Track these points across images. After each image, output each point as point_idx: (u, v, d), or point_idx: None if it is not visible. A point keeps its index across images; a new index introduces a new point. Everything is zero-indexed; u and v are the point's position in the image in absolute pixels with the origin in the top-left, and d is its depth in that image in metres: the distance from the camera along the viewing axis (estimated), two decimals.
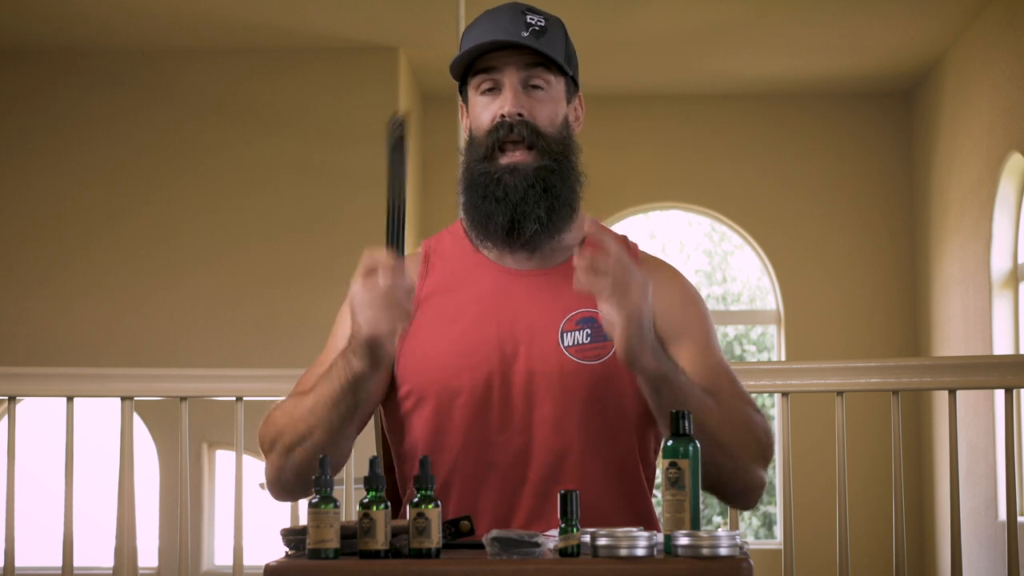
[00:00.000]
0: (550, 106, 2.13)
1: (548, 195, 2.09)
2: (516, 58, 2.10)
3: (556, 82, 2.14)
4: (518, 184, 2.08)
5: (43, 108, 6.95)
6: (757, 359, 8.26)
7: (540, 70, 2.11)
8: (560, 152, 2.12)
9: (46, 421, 6.33)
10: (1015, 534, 3.11)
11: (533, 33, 2.09)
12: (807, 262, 7.68)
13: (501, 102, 2.10)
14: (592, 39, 6.71)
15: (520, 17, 2.10)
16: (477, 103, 2.14)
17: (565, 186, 2.11)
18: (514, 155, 2.10)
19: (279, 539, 1.82)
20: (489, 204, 2.09)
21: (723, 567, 1.67)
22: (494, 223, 2.10)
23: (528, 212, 2.08)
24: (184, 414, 3.38)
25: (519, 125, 2.09)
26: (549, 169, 2.10)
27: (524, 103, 2.10)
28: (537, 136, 2.10)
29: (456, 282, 2.15)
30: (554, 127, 2.12)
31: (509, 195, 2.08)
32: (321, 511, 1.73)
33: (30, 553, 5.53)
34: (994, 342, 6.23)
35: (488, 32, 2.10)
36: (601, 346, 2.08)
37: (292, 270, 6.84)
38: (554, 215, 2.10)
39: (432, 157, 7.65)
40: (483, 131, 2.12)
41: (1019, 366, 3.19)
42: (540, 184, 2.09)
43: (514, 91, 2.10)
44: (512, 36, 2.08)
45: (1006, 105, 6.12)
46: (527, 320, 2.10)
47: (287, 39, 6.81)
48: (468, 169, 2.13)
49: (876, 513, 7.10)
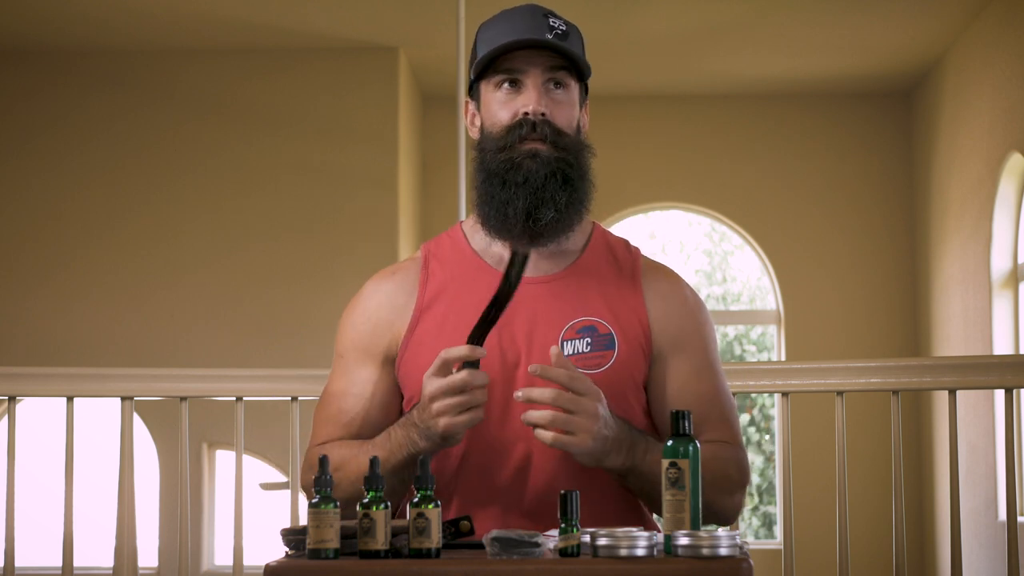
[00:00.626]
0: (569, 109, 2.13)
1: (567, 186, 2.09)
2: (541, 59, 2.10)
3: (574, 86, 2.14)
4: (539, 169, 2.08)
5: (43, 108, 6.95)
6: (757, 359, 8.26)
7: (563, 73, 2.12)
8: (577, 153, 2.12)
9: (46, 421, 6.33)
10: (1015, 534, 3.11)
11: (557, 36, 2.10)
12: (807, 262, 7.67)
13: (525, 100, 2.10)
14: (592, 39, 6.67)
15: (543, 20, 2.11)
16: (494, 99, 2.13)
17: (582, 184, 2.11)
18: (535, 143, 2.10)
19: (279, 539, 1.82)
20: (508, 191, 2.08)
21: (723, 567, 1.67)
22: (513, 208, 2.08)
23: (547, 198, 2.08)
24: (184, 414, 3.38)
25: (542, 124, 2.09)
26: (568, 163, 2.10)
27: (547, 103, 2.10)
28: (558, 135, 2.10)
29: (457, 289, 2.14)
30: (572, 129, 2.13)
31: (529, 179, 2.08)
32: (321, 511, 1.72)
33: (30, 553, 5.53)
34: (994, 342, 6.23)
35: (511, 31, 2.10)
36: (601, 355, 2.09)
37: (292, 270, 6.84)
38: (572, 208, 2.10)
39: (432, 157, 7.65)
40: (501, 126, 2.11)
41: (1019, 366, 3.18)
42: (560, 174, 2.09)
43: (538, 90, 2.10)
44: (539, 36, 2.08)
45: (1006, 105, 6.12)
46: (527, 329, 2.09)
47: (287, 39, 6.80)
48: (484, 160, 2.12)
49: (876, 513, 7.10)
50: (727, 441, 2.11)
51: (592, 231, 2.22)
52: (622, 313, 2.13)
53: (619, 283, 2.16)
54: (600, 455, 1.96)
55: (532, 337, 2.08)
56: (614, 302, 2.13)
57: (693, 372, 2.13)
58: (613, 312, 2.12)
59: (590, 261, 2.17)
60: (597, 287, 2.14)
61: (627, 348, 2.10)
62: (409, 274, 2.19)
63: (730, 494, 2.07)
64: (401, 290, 2.17)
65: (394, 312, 2.15)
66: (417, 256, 2.22)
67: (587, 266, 2.16)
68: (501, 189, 2.09)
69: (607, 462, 1.98)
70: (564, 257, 2.16)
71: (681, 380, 2.12)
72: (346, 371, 2.16)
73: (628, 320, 2.12)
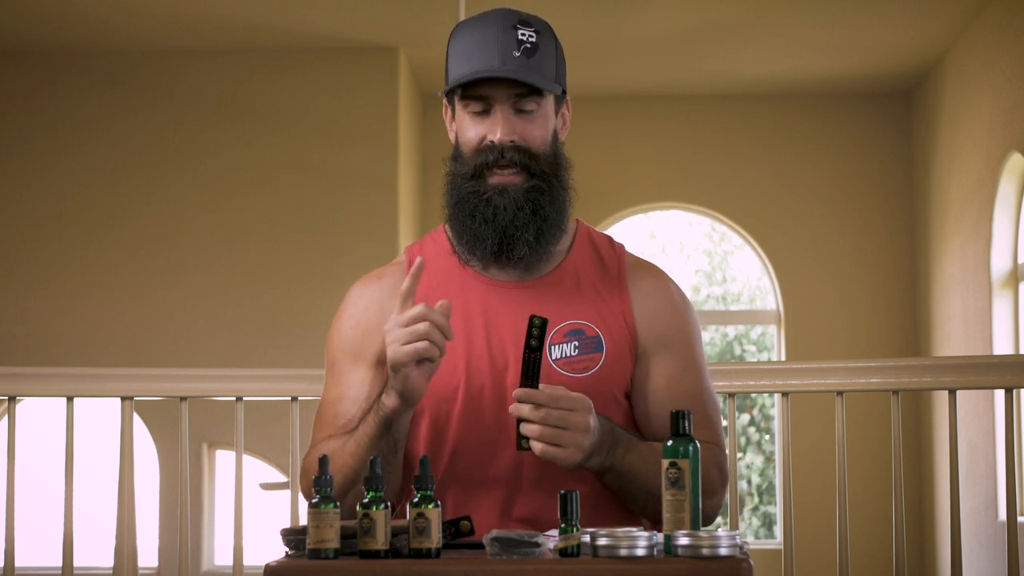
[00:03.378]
0: (541, 126, 2.10)
1: (537, 217, 2.07)
2: (508, 84, 2.07)
3: (546, 101, 2.11)
4: (507, 206, 2.06)
5: (43, 108, 6.95)
6: (757, 359, 8.26)
7: (531, 96, 2.08)
8: (551, 172, 2.10)
9: (46, 421, 6.32)
10: (1015, 534, 3.11)
11: (525, 51, 2.06)
12: (807, 262, 7.67)
13: (491, 126, 2.08)
14: (592, 39, 6.71)
15: (511, 33, 2.06)
16: (464, 118, 2.11)
17: (554, 207, 2.09)
18: (504, 175, 2.07)
19: (279, 539, 1.82)
20: (478, 225, 2.07)
21: (723, 567, 1.67)
22: (483, 245, 2.08)
23: (517, 236, 2.07)
24: (184, 414, 3.38)
25: (510, 151, 2.07)
26: (539, 190, 2.08)
27: (516, 128, 2.07)
28: (529, 158, 2.08)
29: (442, 294, 2.12)
30: (546, 145, 2.10)
31: (498, 217, 2.06)
32: (321, 511, 1.72)
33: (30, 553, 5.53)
34: (994, 342, 6.23)
35: (478, 50, 2.06)
36: (589, 358, 2.08)
37: (292, 270, 6.84)
38: (543, 237, 2.09)
39: (432, 157, 7.65)
40: (471, 148, 2.09)
41: (1019, 366, 3.18)
42: (529, 206, 2.07)
43: (505, 117, 2.07)
44: (504, 61, 2.04)
45: (1006, 105, 6.12)
46: (515, 333, 2.08)
47: (287, 39, 6.80)
48: (455, 185, 2.11)
49: (876, 513, 7.10)
50: (708, 441, 2.10)
51: (576, 230, 2.20)
52: (608, 314, 2.12)
53: (605, 283, 2.14)
54: (583, 460, 1.97)
55: (520, 342, 2.06)
56: (601, 304, 2.12)
57: (677, 371, 2.12)
58: (600, 314, 2.11)
59: (576, 262, 2.16)
60: (583, 289, 2.13)
61: (614, 350, 2.09)
62: (394, 278, 2.17)
63: (711, 495, 2.06)
64: (387, 294, 2.16)
65: (381, 316, 2.13)
66: (401, 259, 2.21)
67: (573, 268, 2.15)
68: (472, 222, 2.08)
69: (588, 463, 1.98)
70: (549, 260, 2.15)
71: (665, 378, 2.11)
72: (339, 378, 2.15)
73: (614, 321, 2.11)
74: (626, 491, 2.05)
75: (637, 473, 2.02)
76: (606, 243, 2.20)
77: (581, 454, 1.94)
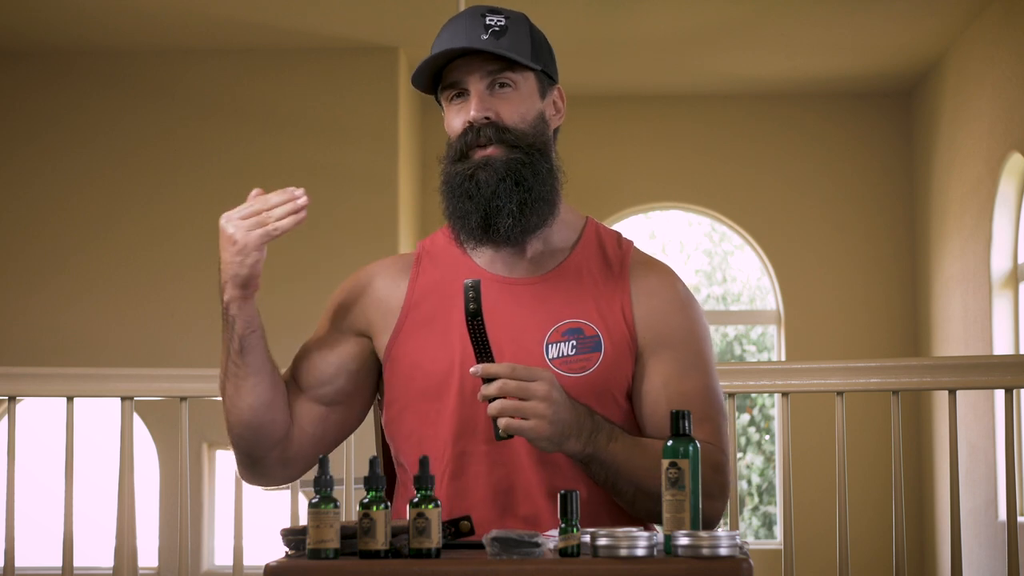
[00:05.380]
0: (519, 104, 2.10)
1: (520, 188, 2.07)
2: (478, 64, 2.08)
3: (524, 80, 2.11)
4: (489, 179, 2.06)
5: (43, 108, 6.95)
6: (757, 359, 8.26)
7: (505, 73, 2.09)
8: (531, 146, 2.09)
9: (46, 421, 6.32)
10: (1015, 534, 3.11)
11: (493, 34, 2.07)
12: (807, 262, 7.68)
13: (468, 108, 2.09)
14: (592, 39, 6.71)
15: (479, 20, 2.08)
16: (449, 110, 2.13)
17: (538, 180, 2.08)
18: (485, 151, 2.08)
19: (279, 539, 1.82)
20: (464, 203, 2.08)
21: (723, 567, 1.67)
22: (469, 221, 2.08)
23: (500, 207, 2.06)
24: (184, 414, 3.38)
25: (486, 127, 2.08)
26: (520, 162, 2.07)
27: (490, 105, 2.08)
28: (505, 132, 2.08)
29: (445, 288, 2.13)
30: (525, 123, 2.10)
31: (481, 190, 2.07)
32: (321, 511, 1.72)
33: (30, 553, 5.53)
34: (994, 342, 6.23)
35: (448, 42, 2.08)
36: (587, 357, 2.06)
37: (292, 270, 6.84)
38: (527, 209, 2.08)
39: (432, 157, 7.64)
40: (455, 136, 2.12)
41: (1019, 366, 3.18)
42: (511, 177, 2.07)
43: (479, 96, 2.08)
44: (470, 42, 2.06)
45: (1006, 105, 6.12)
46: (512, 331, 2.07)
47: (287, 39, 6.81)
48: (443, 171, 2.14)
49: (876, 513, 7.10)
50: (705, 441, 2.05)
51: (584, 227, 2.19)
52: (609, 313, 2.09)
53: (607, 281, 2.12)
54: (559, 439, 1.93)
55: (516, 341, 2.06)
56: (602, 302, 2.10)
57: (677, 370, 2.08)
58: (600, 313, 2.09)
59: (579, 259, 2.14)
60: (585, 287, 2.11)
61: (614, 349, 2.07)
62: (405, 268, 2.20)
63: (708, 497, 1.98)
64: (401, 276, 2.20)
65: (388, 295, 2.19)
66: (413, 252, 2.23)
67: (576, 265, 2.13)
68: (457, 200, 2.09)
69: (566, 446, 1.95)
70: (553, 257, 2.14)
71: (663, 377, 2.08)
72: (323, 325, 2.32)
73: (614, 319, 2.09)
74: (613, 484, 2.02)
75: (622, 464, 1.99)
76: (613, 240, 2.18)
77: (548, 425, 1.90)
